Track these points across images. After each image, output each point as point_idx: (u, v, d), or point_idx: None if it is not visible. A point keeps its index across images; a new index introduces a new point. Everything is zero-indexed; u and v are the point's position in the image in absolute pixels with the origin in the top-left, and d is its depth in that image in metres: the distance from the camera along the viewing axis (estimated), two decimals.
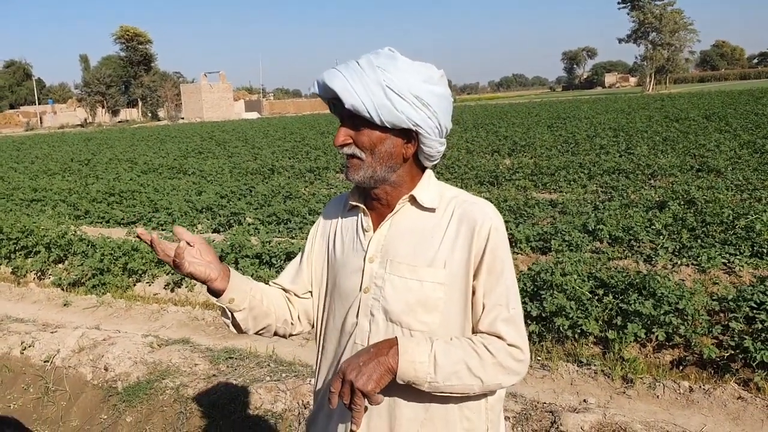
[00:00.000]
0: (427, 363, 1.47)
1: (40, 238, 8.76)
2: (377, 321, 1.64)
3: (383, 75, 1.52)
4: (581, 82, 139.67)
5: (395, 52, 1.59)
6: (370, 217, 1.71)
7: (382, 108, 1.52)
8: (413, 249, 1.63)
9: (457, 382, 1.50)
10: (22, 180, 17.64)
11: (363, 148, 1.60)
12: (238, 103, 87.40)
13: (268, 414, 4.16)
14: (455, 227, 1.62)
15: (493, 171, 13.63)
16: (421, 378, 1.48)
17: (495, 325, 1.57)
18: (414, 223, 1.66)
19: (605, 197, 9.98)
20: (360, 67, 1.54)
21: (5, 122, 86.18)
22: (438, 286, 1.60)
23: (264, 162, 18.26)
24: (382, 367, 1.45)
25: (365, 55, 1.58)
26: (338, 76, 1.54)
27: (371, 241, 1.68)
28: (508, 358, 1.55)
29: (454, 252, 1.60)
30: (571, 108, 38.18)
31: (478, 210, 1.63)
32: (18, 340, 5.67)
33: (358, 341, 1.67)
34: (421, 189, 1.67)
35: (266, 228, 9.16)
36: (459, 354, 1.51)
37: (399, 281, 1.62)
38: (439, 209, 1.66)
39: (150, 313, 6.65)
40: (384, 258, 1.65)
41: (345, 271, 1.72)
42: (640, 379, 4.47)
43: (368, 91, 1.51)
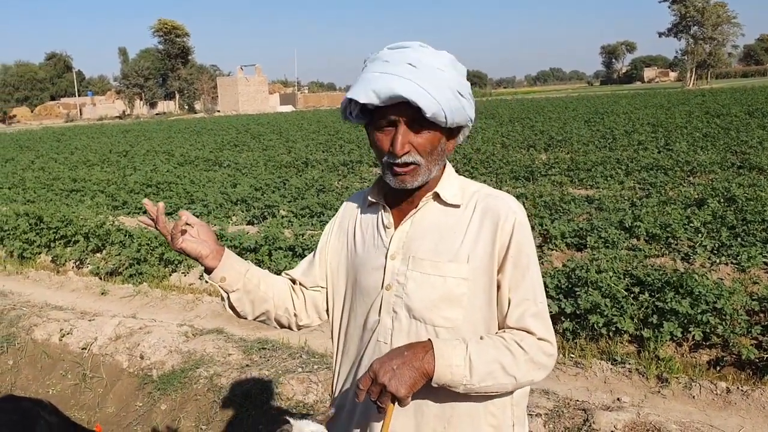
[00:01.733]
0: (463, 366, 1.46)
1: (79, 227, 8.93)
2: (400, 318, 1.63)
3: (448, 76, 1.52)
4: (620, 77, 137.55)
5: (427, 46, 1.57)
6: (391, 214, 1.70)
7: (455, 111, 1.52)
8: (436, 245, 1.61)
9: (492, 382, 1.49)
10: (62, 170, 18.00)
11: (422, 153, 1.56)
12: (273, 97, 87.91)
13: (300, 405, 4.19)
14: (478, 222, 1.61)
15: (528, 166, 13.50)
16: (456, 381, 1.46)
17: (524, 319, 1.56)
18: (437, 219, 1.64)
19: (643, 194, 9.82)
20: (423, 72, 1.49)
21: (46, 114, 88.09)
22: (461, 282, 1.58)
23: (298, 155, 18.36)
24: (417, 372, 1.43)
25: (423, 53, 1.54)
26: (411, 85, 1.47)
27: (393, 237, 1.66)
28: (540, 353, 1.54)
29: (477, 246, 1.58)
30: (609, 103, 37.61)
31: (502, 204, 1.62)
32: (57, 328, 5.79)
33: (380, 339, 1.65)
34: (444, 185, 1.66)
35: (299, 221, 9.22)
36: (493, 353, 1.50)
37: (421, 278, 1.60)
38: (462, 204, 1.64)
39: (185, 303, 6.74)
40: (406, 255, 1.63)
41: (366, 268, 1.71)
42: (675, 379, 4.39)
43: (445, 97, 1.49)
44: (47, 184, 14.81)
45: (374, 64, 1.56)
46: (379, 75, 1.50)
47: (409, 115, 1.51)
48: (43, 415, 2.54)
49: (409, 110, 1.50)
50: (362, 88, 1.51)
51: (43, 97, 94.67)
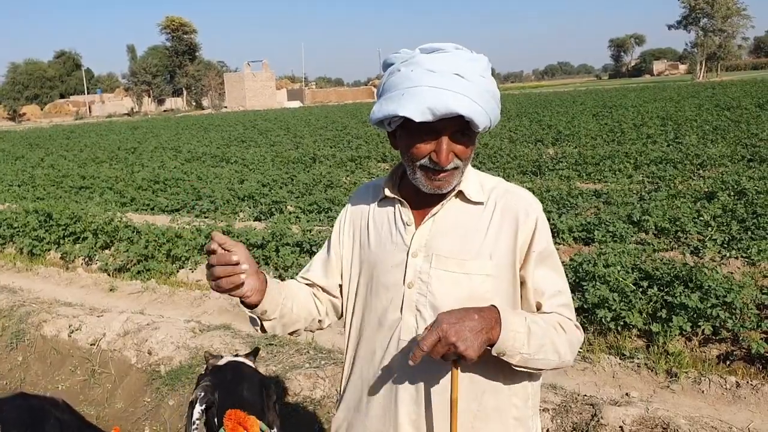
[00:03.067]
0: (524, 333, 1.46)
1: (88, 224, 8.97)
2: (425, 317, 1.60)
3: (489, 83, 1.53)
4: (629, 70, 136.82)
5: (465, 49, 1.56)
6: (410, 209, 1.67)
7: (495, 119, 1.55)
8: (459, 243, 1.60)
9: (542, 356, 1.50)
10: (71, 168, 18.09)
11: (463, 159, 1.57)
12: (281, 92, 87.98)
13: (307, 400, 4.20)
14: (499, 218, 1.61)
15: (536, 160, 13.46)
16: (516, 348, 1.45)
17: (558, 311, 1.59)
18: (459, 216, 1.63)
19: (651, 188, 9.77)
20: (471, 82, 1.48)
21: (56, 111, 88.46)
22: (486, 278, 1.58)
23: (305, 151, 18.37)
24: (485, 336, 1.41)
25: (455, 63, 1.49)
26: (465, 101, 1.45)
27: (415, 235, 1.64)
28: (574, 336, 1.58)
29: (499, 243, 1.59)
30: (618, 96, 37.44)
31: (522, 200, 1.63)
32: (66, 324, 5.82)
33: (403, 337, 1.63)
34: (467, 182, 1.65)
35: (307, 216, 9.22)
36: (545, 327, 1.51)
37: (446, 276, 1.59)
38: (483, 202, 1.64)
39: (192, 299, 6.75)
40: (428, 252, 1.61)
41: (384, 265, 1.68)
42: (684, 374, 4.37)
43: (491, 107, 1.52)
44: (56, 182, 14.88)
45: (417, 73, 1.48)
46: (429, 89, 1.45)
47: (456, 126, 1.50)
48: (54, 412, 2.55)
49: (457, 123, 1.49)
50: (415, 104, 1.45)
51: (53, 95, 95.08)
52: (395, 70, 1.54)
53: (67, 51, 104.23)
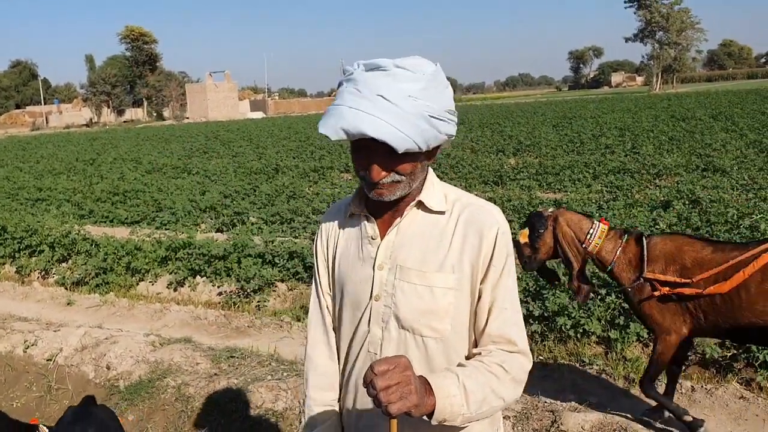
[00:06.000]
0: (459, 395, 1.42)
1: (44, 237, 8.78)
2: (389, 329, 1.62)
3: (421, 105, 1.45)
4: (588, 82, 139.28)
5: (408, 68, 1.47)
6: (378, 223, 1.67)
7: (430, 139, 1.48)
8: (422, 254, 1.60)
9: (486, 408, 1.47)
10: (27, 179, 17.70)
11: (402, 173, 1.53)
12: (243, 103, 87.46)
13: (269, 413, 4.16)
14: (462, 231, 1.59)
15: (497, 171, 13.61)
16: (456, 412, 1.41)
17: (506, 329, 1.56)
18: (421, 227, 1.63)
19: (610, 197, 9.96)
20: (395, 105, 1.43)
21: (11, 122, 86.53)
22: (448, 291, 1.57)
23: (268, 161, 18.29)
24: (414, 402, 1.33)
25: (382, 83, 1.45)
26: (381, 123, 1.42)
27: (380, 248, 1.64)
28: (520, 371, 1.54)
29: (463, 256, 1.58)
30: (577, 107, 38.11)
31: (486, 213, 1.61)
32: (21, 339, 5.69)
33: (371, 350, 1.64)
34: (428, 192, 1.63)
35: (269, 227, 9.17)
36: (481, 378, 1.47)
37: (409, 288, 1.59)
38: (446, 212, 1.63)
39: (153, 312, 6.66)
40: (393, 264, 1.62)
41: (353, 279, 1.69)
42: None
43: (418, 130, 1.45)
44: (12, 194, 14.55)
45: (346, 92, 1.48)
46: (348, 110, 1.44)
47: (386, 145, 1.46)
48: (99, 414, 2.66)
49: (382, 144, 1.46)
50: (332, 124, 1.46)
51: (8, 106, 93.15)
52: (340, 85, 1.55)
53: (23, 60, 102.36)
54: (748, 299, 3.22)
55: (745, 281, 3.21)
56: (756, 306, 3.21)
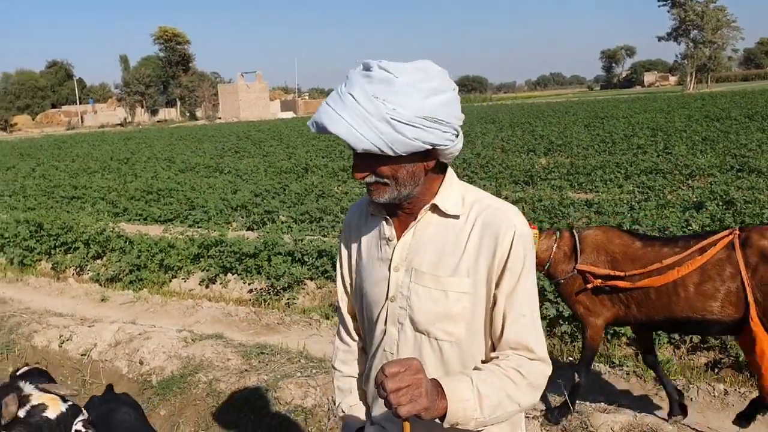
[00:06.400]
0: (473, 399, 1.42)
1: (80, 234, 8.96)
2: (405, 330, 1.63)
3: (385, 107, 1.41)
4: (620, 81, 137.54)
5: (388, 70, 1.45)
6: (395, 225, 1.67)
7: (395, 143, 1.43)
8: (437, 258, 1.59)
9: (500, 413, 1.46)
10: (63, 178, 18.05)
11: (384, 176, 1.53)
12: (274, 103, 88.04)
13: (299, 409, 4.20)
14: (478, 234, 1.57)
15: (528, 170, 13.53)
16: (469, 416, 1.41)
17: (523, 336, 1.54)
18: (437, 230, 1.61)
19: (641, 197, 9.84)
20: (358, 104, 1.43)
21: (47, 121, 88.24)
22: (463, 296, 1.57)
23: (298, 161, 18.40)
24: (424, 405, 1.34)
25: (357, 83, 1.45)
26: (338, 120, 1.43)
27: (395, 249, 1.65)
28: (539, 376, 1.53)
29: (479, 260, 1.56)
30: (609, 107, 37.67)
31: (503, 216, 1.57)
32: (57, 334, 5.81)
33: (387, 349, 1.67)
34: (443, 195, 1.61)
35: (299, 226, 9.24)
36: (497, 383, 1.47)
37: (424, 291, 1.60)
38: (462, 215, 1.61)
39: (185, 309, 6.76)
40: (409, 267, 1.62)
41: (371, 279, 1.71)
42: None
43: (376, 131, 1.42)
44: (48, 192, 14.85)
45: (335, 89, 1.52)
46: (323, 106, 1.48)
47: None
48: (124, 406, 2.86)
49: None
50: (313, 117, 1.50)
51: (44, 105, 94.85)
52: None
53: (60, 61, 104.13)
54: (687, 297, 3.41)
55: (684, 280, 3.39)
56: (696, 304, 3.40)
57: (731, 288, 3.33)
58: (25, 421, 1.78)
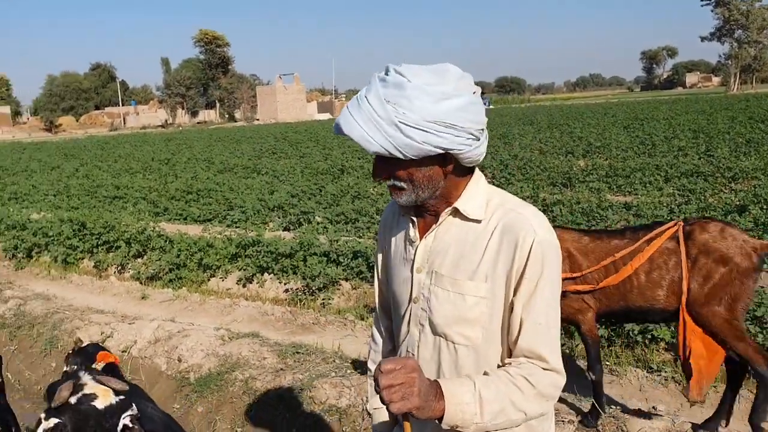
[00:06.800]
0: (473, 403, 1.42)
1: (121, 233, 9.14)
2: (426, 332, 1.65)
3: (395, 111, 1.43)
4: (661, 82, 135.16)
5: (401, 73, 1.47)
6: (419, 226, 1.68)
7: (404, 147, 1.45)
8: (456, 261, 1.59)
9: (503, 419, 1.46)
10: (106, 178, 18.45)
11: (401, 179, 1.55)
12: (311, 104, 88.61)
13: (333, 409, 4.23)
14: (498, 238, 1.55)
15: (566, 172, 13.40)
16: (468, 419, 1.42)
17: (537, 345, 1.52)
18: (457, 234, 1.61)
19: (682, 200, 9.67)
20: (371, 108, 1.45)
21: (91, 122, 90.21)
22: (480, 300, 1.56)
23: (334, 162, 18.49)
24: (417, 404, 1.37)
25: (374, 87, 1.48)
26: (352, 123, 1.47)
27: (417, 251, 1.66)
28: (549, 386, 1.51)
29: (497, 265, 1.54)
30: (650, 109, 37.06)
31: (523, 221, 1.54)
32: (98, 331, 5.95)
33: (409, 349, 1.69)
34: (465, 199, 1.60)
35: (334, 227, 9.30)
36: (502, 389, 1.46)
37: (443, 294, 1.60)
38: (484, 219, 1.59)
39: (222, 307, 6.85)
40: (430, 269, 1.63)
41: (397, 279, 1.74)
42: (713, 388, 4.31)
43: (385, 135, 1.44)
44: (91, 191, 15.19)
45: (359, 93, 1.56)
46: (344, 110, 1.52)
47: None
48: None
49: None
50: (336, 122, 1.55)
51: (88, 107, 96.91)
52: None
53: (103, 63, 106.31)
54: (639, 285, 3.57)
55: (636, 269, 3.55)
56: (646, 292, 3.57)
57: (674, 277, 3.52)
58: (75, 407, 1.86)
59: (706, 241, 3.48)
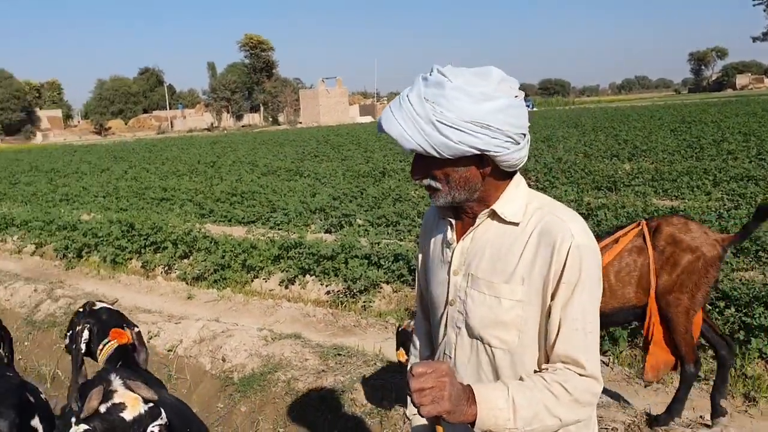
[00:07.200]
0: (506, 409, 1.42)
1: (168, 234, 9.32)
2: (462, 334, 1.65)
3: (433, 110, 1.46)
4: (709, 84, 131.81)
5: (443, 74, 1.49)
6: (458, 228, 1.69)
7: (440, 146, 1.47)
8: (492, 264, 1.59)
9: (537, 425, 1.45)
10: (153, 180, 18.84)
11: (437, 179, 1.56)
12: (353, 108, 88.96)
13: (374, 411, 4.24)
14: (535, 242, 1.55)
15: (611, 176, 13.19)
16: (501, 425, 1.42)
17: (574, 350, 1.51)
18: (494, 236, 1.61)
19: (731, 205, 9.43)
20: (411, 106, 1.49)
21: (139, 126, 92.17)
22: (516, 304, 1.55)
23: (375, 165, 18.53)
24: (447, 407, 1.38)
25: (416, 87, 1.51)
26: (393, 121, 1.51)
27: (454, 253, 1.67)
28: (585, 393, 1.49)
29: (534, 268, 1.54)
30: (697, 111, 36.21)
31: (561, 225, 1.53)
32: (145, 330, 6.06)
33: (447, 352, 1.69)
34: (504, 202, 1.60)
35: (375, 230, 9.32)
36: (537, 395, 1.46)
37: (479, 297, 1.60)
38: (521, 222, 1.59)
39: (265, 308, 6.94)
40: (466, 271, 1.64)
41: (435, 281, 1.75)
42: (764, 398, 4.21)
43: (422, 133, 1.47)
44: (139, 193, 15.53)
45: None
46: (386, 108, 1.56)
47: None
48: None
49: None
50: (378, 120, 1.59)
51: (137, 110, 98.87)
52: None
53: (151, 68, 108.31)
54: (610, 287, 3.64)
55: (606, 269, 3.60)
56: (617, 292, 3.68)
57: (642, 272, 3.66)
58: (104, 417, 1.91)
59: (673, 233, 3.67)
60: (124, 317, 3.32)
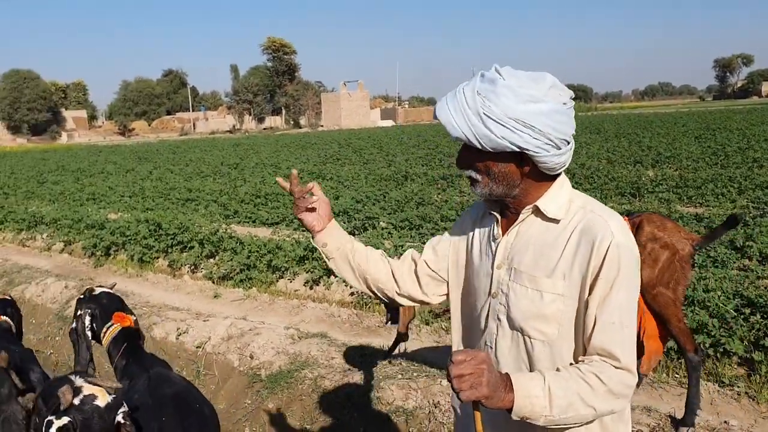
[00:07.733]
0: (543, 396, 1.48)
1: (195, 234, 9.46)
2: (503, 326, 1.73)
3: (482, 103, 1.56)
4: (734, 91, 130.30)
5: (500, 72, 1.59)
6: (502, 224, 1.77)
7: (482, 137, 1.57)
8: (535, 259, 1.67)
9: (572, 414, 1.51)
10: (178, 181, 19.06)
11: (479, 171, 1.67)
12: (374, 111, 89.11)
13: (400, 410, 4.32)
14: (576, 239, 1.62)
15: (634, 182, 13.14)
16: (537, 412, 1.49)
17: (609, 343, 1.56)
18: (537, 232, 1.69)
19: (756, 213, 9.38)
20: (464, 97, 1.60)
21: (162, 127, 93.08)
22: (557, 298, 1.63)
23: (398, 169, 18.60)
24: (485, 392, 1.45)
25: (473, 81, 1.62)
26: (445, 108, 1.63)
27: (498, 247, 1.75)
28: (620, 384, 1.54)
29: (574, 264, 1.61)
30: (722, 118, 35.87)
31: (602, 223, 1.60)
32: (174, 327, 6.20)
33: (488, 342, 1.77)
34: (547, 199, 1.68)
35: (399, 233, 9.39)
36: (572, 385, 1.51)
37: (521, 290, 1.68)
38: (563, 219, 1.66)
39: (291, 308, 7.03)
40: (510, 265, 1.72)
41: (478, 274, 1.82)
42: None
43: (468, 123, 1.58)
44: (164, 194, 15.72)
45: None
46: (443, 97, 1.67)
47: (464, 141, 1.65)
48: None
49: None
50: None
51: (160, 112, 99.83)
52: None
53: (174, 70, 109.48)
54: None
55: None
56: None
57: None
58: (80, 407, 2.09)
59: (653, 230, 3.84)
60: (123, 302, 3.45)
